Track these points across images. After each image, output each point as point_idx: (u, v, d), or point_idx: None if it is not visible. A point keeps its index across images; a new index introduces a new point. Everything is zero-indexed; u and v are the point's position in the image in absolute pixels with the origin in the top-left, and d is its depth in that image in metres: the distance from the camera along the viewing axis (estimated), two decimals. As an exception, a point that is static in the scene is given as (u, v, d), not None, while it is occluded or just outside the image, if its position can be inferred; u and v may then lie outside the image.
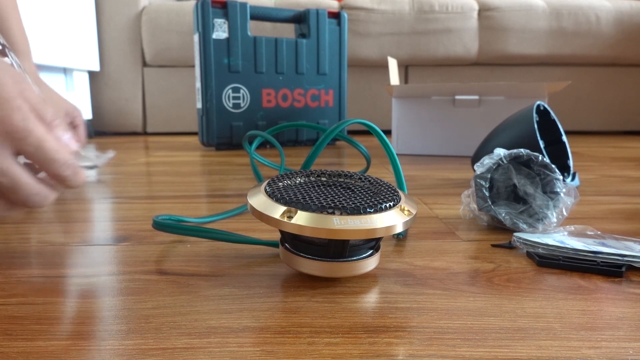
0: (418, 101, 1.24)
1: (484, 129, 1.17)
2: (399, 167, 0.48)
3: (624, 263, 0.37)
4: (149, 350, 0.26)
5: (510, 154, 0.50)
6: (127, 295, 0.33)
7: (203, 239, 0.46)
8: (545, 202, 0.48)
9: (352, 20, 1.91)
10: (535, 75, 2.06)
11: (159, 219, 0.42)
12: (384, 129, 1.93)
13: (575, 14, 1.98)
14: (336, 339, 0.27)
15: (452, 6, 1.95)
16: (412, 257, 0.41)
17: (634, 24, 2.00)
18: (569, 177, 0.74)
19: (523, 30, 1.97)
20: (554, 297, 0.33)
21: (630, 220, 0.55)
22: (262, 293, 0.33)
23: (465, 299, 0.32)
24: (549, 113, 0.76)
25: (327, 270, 0.34)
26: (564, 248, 0.40)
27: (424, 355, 0.25)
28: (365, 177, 0.40)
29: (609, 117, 2.11)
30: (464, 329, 0.28)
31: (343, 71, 1.52)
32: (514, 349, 0.26)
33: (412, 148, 1.25)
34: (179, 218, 0.49)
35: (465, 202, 0.53)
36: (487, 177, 0.50)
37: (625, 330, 0.28)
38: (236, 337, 0.27)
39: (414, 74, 2.05)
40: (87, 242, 0.46)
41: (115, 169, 0.97)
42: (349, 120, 0.53)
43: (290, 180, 0.38)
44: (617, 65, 2.07)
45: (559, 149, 0.76)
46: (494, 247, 0.44)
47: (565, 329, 0.28)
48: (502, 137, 0.74)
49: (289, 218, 0.31)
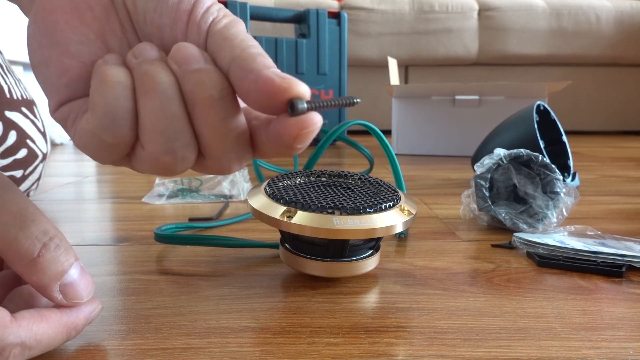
0: (418, 101, 1.24)
1: (484, 129, 1.17)
2: (398, 167, 0.48)
3: (624, 263, 0.37)
4: (149, 350, 0.26)
5: (510, 154, 0.50)
6: (127, 295, 0.33)
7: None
8: (545, 202, 0.48)
9: (352, 20, 1.91)
10: (535, 75, 2.06)
11: (159, 231, 0.42)
12: (384, 129, 1.93)
13: (575, 14, 1.98)
14: (336, 339, 0.27)
15: (452, 6, 1.95)
16: (412, 257, 0.41)
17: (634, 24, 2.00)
18: (569, 177, 0.74)
19: (523, 30, 1.97)
20: (554, 297, 0.33)
21: (630, 220, 0.55)
22: (262, 293, 0.33)
23: (465, 299, 0.32)
24: (549, 113, 0.76)
25: (327, 270, 0.34)
26: (564, 248, 0.40)
27: (424, 355, 0.25)
28: (365, 177, 0.40)
29: (609, 117, 2.11)
30: (464, 329, 0.28)
31: (343, 71, 1.52)
32: (514, 349, 0.26)
33: (412, 148, 1.25)
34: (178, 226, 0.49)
35: (465, 202, 0.53)
36: (487, 177, 0.50)
37: (625, 330, 0.28)
38: (236, 337, 0.27)
39: (414, 74, 2.05)
40: (87, 242, 0.46)
41: (115, 169, 0.97)
42: (350, 121, 0.53)
43: (290, 180, 0.38)
44: (617, 65, 2.07)
45: (559, 149, 0.76)
46: (494, 247, 0.44)
47: (566, 329, 0.28)
48: (502, 137, 0.74)
49: (288, 218, 0.31)
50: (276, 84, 0.19)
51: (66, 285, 0.23)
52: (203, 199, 0.65)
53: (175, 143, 0.20)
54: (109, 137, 0.20)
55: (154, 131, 0.20)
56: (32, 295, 0.25)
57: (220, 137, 0.21)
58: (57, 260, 0.23)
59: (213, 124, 0.20)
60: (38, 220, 0.23)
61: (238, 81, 0.20)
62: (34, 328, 0.22)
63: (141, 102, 0.20)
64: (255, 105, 0.20)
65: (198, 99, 0.20)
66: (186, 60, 0.20)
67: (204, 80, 0.20)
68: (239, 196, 0.66)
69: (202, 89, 0.20)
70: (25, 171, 0.58)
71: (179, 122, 0.20)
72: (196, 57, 0.20)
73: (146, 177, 0.85)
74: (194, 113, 0.20)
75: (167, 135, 0.20)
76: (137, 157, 0.22)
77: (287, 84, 0.19)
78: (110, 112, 0.20)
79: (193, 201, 0.64)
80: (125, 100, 0.20)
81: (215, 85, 0.20)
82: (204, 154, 0.22)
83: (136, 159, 0.22)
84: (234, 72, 0.20)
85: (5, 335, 0.21)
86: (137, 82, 0.20)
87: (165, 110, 0.20)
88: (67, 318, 0.24)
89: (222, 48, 0.20)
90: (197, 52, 0.20)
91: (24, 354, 0.22)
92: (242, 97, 0.20)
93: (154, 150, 0.21)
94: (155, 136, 0.20)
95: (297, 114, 0.20)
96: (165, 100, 0.20)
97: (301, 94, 0.20)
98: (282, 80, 0.19)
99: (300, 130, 0.20)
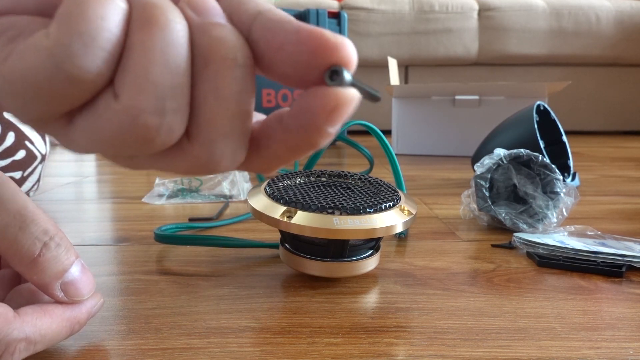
0: (418, 101, 1.24)
1: (484, 129, 1.17)
2: (398, 168, 0.48)
3: (624, 263, 0.37)
4: (149, 350, 0.26)
5: (510, 154, 0.50)
6: (127, 295, 0.33)
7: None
8: (545, 202, 0.48)
9: (352, 20, 1.91)
10: (535, 75, 2.06)
11: (159, 231, 0.42)
12: (384, 129, 1.93)
13: (575, 14, 1.98)
14: (336, 339, 0.27)
15: (452, 6, 1.95)
16: (412, 257, 0.41)
17: (634, 24, 2.00)
18: (569, 177, 0.74)
19: (523, 30, 1.97)
20: (554, 297, 0.33)
21: (630, 220, 0.55)
22: (262, 293, 0.33)
23: (465, 299, 0.32)
24: (549, 113, 0.76)
25: (327, 270, 0.34)
26: (564, 248, 0.40)
27: (424, 355, 0.25)
28: (365, 177, 0.40)
29: (609, 117, 2.11)
30: (464, 329, 0.28)
31: (343, 71, 1.52)
32: (514, 349, 0.26)
33: (412, 148, 1.25)
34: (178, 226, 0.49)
35: (465, 202, 0.53)
36: (487, 177, 0.50)
37: (625, 330, 0.28)
38: (236, 337, 0.27)
39: (414, 74, 2.05)
40: (87, 242, 0.46)
41: (116, 169, 0.97)
42: (350, 122, 0.53)
43: (290, 180, 0.38)
44: (617, 65, 2.07)
45: (559, 149, 0.76)
46: (494, 247, 0.44)
47: (566, 329, 0.28)
48: (502, 137, 0.74)
49: (288, 218, 0.31)
50: (325, 38, 0.15)
51: (67, 284, 0.23)
52: (203, 199, 0.65)
53: (167, 102, 0.15)
54: (73, 64, 0.14)
55: (145, 78, 0.14)
56: (32, 292, 0.25)
57: (225, 114, 0.16)
58: (58, 259, 0.23)
59: (224, 95, 0.16)
60: (38, 220, 0.23)
61: (268, 35, 0.15)
62: (37, 323, 0.22)
63: (137, 36, 0.14)
64: (286, 65, 0.15)
65: (215, 58, 0.15)
66: (207, 10, 0.15)
67: (228, 37, 0.15)
68: (239, 196, 0.66)
69: (223, 47, 0.15)
70: (24, 172, 0.58)
71: (180, 76, 0.15)
72: (217, 11, 0.16)
73: (146, 177, 0.85)
74: (203, 75, 0.15)
75: (161, 88, 0.14)
76: (96, 114, 0.15)
77: (341, 42, 0.15)
78: (90, 31, 0.14)
79: (193, 201, 0.64)
80: (114, 26, 0.14)
81: (239, 46, 0.15)
82: (194, 135, 0.16)
83: (91, 116, 0.15)
84: (262, 25, 0.16)
85: (10, 331, 0.21)
86: (137, 11, 0.15)
87: (167, 54, 0.14)
88: (70, 312, 0.24)
89: (241, 3, 0.16)
90: (217, 6, 0.16)
91: (29, 348, 0.22)
92: (269, 56, 0.16)
93: (135, 103, 0.14)
94: (144, 85, 0.14)
95: (339, 84, 0.15)
96: (172, 42, 0.14)
97: (351, 60, 0.15)
98: (333, 35, 0.15)
99: (339, 103, 0.15)
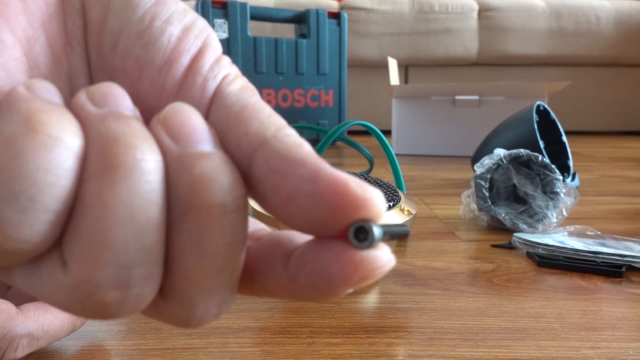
0: (418, 101, 1.24)
1: (484, 129, 1.17)
2: (398, 168, 0.48)
3: (624, 263, 0.37)
4: (149, 350, 0.26)
5: (510, 154, 0.50)
6: (127, 295, 0.33)
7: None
8: (545, 202, 0.48)
9: (352, 20, 1.91)
10: (535, 75, 2.06)
11: None
12: (383, 129, 1.93)
13: (575, 14, 1.98)
14: (336, 339, 0.27)
15: (452, 6, 1.95)
16: (412, 258, 0.41)
17: (634, 24, 2.00)
18: (569, 177, 0.74)
19: (523, 30, 1.97)
20: (554, 298, 0.33)
21: (630, 220, 0.55)
22: (262, 293, 0.33)
23: (465, 299, 0.32)
24: (549, 113, 0.76)
25: (327, 271, 0.34)
26: (564, 248, 0.40)
27: (424, 355, 0.25)
28: (365, 177, 0.40)
29: (609, 117, 2.11)
30: (464, 329, 0.28)
31: (343, 71, 1.52)
32: (514, 349, 0.26)
33: (412, 148, 1.25)
34: None
35: (465, 202, 0.53)
36: (487, 177, 0.50)
37: (625, 330, 0.28)
38: (236, 337, 0.27)
39: (414, 74, 2.05)
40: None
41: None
42: (350, 122, 0.53)
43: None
44: (617, 65, 2.08)
45: (559, 149, 0.76)
46: (494, 247, 0.44)
47: (565, 329, 0.28)
48: (502, 137, 0.74)
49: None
50: (351, 193, 0.11)
51: None
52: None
53: (134, 271, 0.11)
54: (7, 236, 0.10)
55: (102, 245, 0.10)
56: None
57: (208, 271, 0.12)
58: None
59: (208, 251, 0.12)
60: None
61: (275, 178, 0.12)
62: (40, 319, 0.22)
63: (93, 186, 0.10)
64: (297, 218, 0.12)
65: (197, 205, 0.11)
66: (188, 134, 0.12)
67: (214, 175, 0.11)
68: None
69: (208, 191, 0.11)
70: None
71: (151, 235, 0.11)
72: (203, 134, 0.12)
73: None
74: (181, 225, 0.11)
75: (124, 256, 0.11)
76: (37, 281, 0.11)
77: (369, 197, 0.11)
78: (28, 191, 0.10)
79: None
80: (63, 177, 0.10)
81: (230, 187, 0.11)
82: (168, 293, 0.12)
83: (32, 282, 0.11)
84: (268, 162, 0.12)
85: (13, 327, 0.21)
86: (93, 148, 0.11)
87: (133, 208, 0.11)
88: None
89: (240, 122, 0.12)
90: (204, 126, 0.12)
91: (32, 344, 0.22)
92: (275, 203, 0.12)
93: (88, 277, 0.10)
94: (101, 254, 0.10)
95: (368, 246, 0.12)
96: (140, 191, 0.11)
97: (380, 215, 0.12)
98: (360, 187, 0.11)
99: (369, 274, 0.12)
